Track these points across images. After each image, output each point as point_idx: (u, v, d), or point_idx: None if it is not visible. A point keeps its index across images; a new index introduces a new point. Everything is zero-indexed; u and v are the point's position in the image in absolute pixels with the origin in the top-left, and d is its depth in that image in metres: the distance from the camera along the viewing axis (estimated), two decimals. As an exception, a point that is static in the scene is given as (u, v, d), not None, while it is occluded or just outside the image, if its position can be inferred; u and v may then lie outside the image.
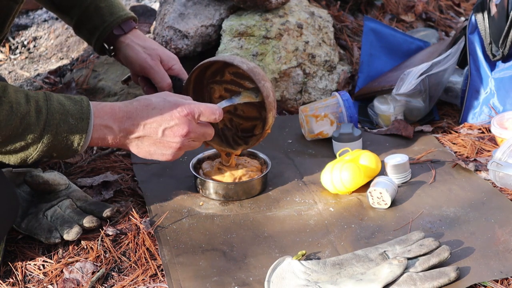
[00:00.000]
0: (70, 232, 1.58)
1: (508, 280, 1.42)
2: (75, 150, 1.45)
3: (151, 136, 1.52)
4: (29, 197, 1.69)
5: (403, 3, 2.86)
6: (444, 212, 1.67)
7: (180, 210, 1.72)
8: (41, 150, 1.41)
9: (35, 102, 1.40)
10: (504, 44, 2.06)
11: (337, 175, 1.73)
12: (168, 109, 1.52)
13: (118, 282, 1.50)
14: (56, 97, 1.43)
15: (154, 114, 1.51)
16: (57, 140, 1.41)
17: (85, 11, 1.81)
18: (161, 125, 1.52)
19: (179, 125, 1.52)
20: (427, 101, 2.10)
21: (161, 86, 1.80)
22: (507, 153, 1.77)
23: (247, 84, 1.75)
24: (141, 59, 1.81)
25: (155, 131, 1.52)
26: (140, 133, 1.51)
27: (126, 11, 1.83)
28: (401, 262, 1.40)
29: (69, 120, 1.42)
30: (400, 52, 2.46)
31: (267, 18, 2.30)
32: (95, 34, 1.82)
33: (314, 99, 2.30)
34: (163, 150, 1.55)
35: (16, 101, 1.38)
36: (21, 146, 1.40)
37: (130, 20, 1.84)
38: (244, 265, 1.51)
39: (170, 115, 1.52)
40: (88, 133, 1.45)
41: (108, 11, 1.80)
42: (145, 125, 1.51)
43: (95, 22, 1.81)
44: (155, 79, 1.81)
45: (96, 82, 2.37)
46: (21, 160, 1.42)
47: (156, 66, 1.81)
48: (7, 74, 2.64)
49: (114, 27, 1.81)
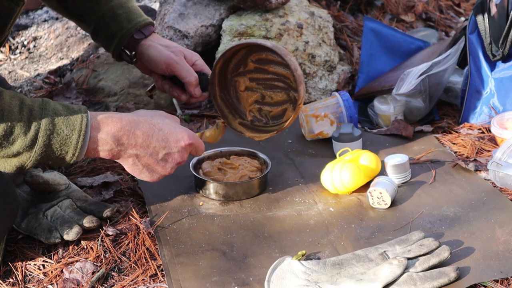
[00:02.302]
0: (70, 232, 1.58)
1: (508, 280, 1.42)
2: (69, 161, 1.43)
3: (151, 157, 1.52)
4: (29, 197, 1.70)
5: (403, 3, 2.86)
6: (444, 212, 1.67)
7: (180, 210, 1.72)
8: (35, 159, 1.40)
9: (29, 112, 1.38)
10: (504, 44, 2.06)
11: (337, 175, 1.73)
12: (175, 135, 1.53)
13: (118, 282, 1.50)
14: (53, 106, 1.42)
15: (160, 137, 1.51)
16: (50, 150, 1.40)
17: (102, 18, 1.79)
18: (164, 149, 1.52)
19: (180, 153, 1.54)
20: (427, 101, 2.10)
21: (189, 81, 1.79)
22: (507, 153, 1.77)
23: (272, 68, 1.75)
24: (165, 56, 1.79)
25: (157, 153, 1.52)
26: (141, 152, 1.50)
27: (144, 17, 1.82)
28: (401, 262, 1.40)
29: (63, 131, 1.40)
30: (400, 52, 2.46)
31: (267, 18, 2.30)
32: (113, 41, 1.81)
33: (314, 99, 2.30)
34: (154, 172, 1.55)
35: (9, 109, 1.36)
36: (13, 154, 1.38)
37: (149, 26, 1.83)
38: (244, 265, 1.51)
39: (176, 142, 1.53)
40: (83, 145, 1.43)
41: (125, 18, 1.79)
42: (149, 146, 1.51)
43: (113, 29, 1.79)
44: (182, 74, 1.79)
45: (96, 82, 2.37)
46: (16, 168, 1.41)
47: (181, 61, 1.80)
48: (7, 74, 2.64)
49: (133, 33, 1.80)
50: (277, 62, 1.73)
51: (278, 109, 1.78)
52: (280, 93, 1.77)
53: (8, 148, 1.37)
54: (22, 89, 2.49)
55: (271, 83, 1.76)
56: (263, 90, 1.77)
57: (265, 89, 1.77)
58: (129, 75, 2.35)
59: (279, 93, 1.77)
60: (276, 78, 1.75)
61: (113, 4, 1.79)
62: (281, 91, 1.76)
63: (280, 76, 1.75)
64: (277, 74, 1.75)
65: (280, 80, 1.75)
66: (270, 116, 1.80)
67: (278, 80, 1.75)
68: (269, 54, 1.73)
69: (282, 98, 1.77)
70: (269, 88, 1.77)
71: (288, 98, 1.76)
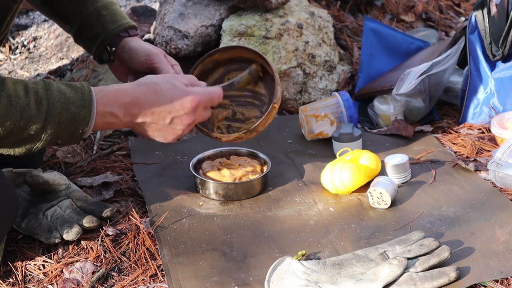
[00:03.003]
0: (70, 232, 1.58)
1: (508, 280, 1.42)
2: (79, 137, 1.45)
3: (158, 123, 1.53)
4: (29, 197, 1.70)
5: (403, 3, 2.86)
6: (444, 212, 1.67)
7: (180, 210, 1.72)
8: (45, 139, 1.41)
9: (35, 94, 1.39)
10: (504, 44, 2.06)
11: (337, 175, 1.73)
12: (179, 97, 1.53)
13: (118, 282, 1.50)
14: (56, 85, 1.43)
15: (164, 101, 1.51)
16: (60, 128, 1.41)
17: (86, 19, 1.79)
18: (170, 113, 1.52)
19: (188, 114, 1.53)
20: (427, 101, 2.10)
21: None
22: (507, 153, 1.77)
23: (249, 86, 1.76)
24: (146, 48, 1.78)
25: (163, 118, 1.52)
26: (148, 119, 1.51)
27: (128, 19, 1.83)
28: (401, 262, 1.40)
29: (71, 108, 1.41)
30: (400, 52, 2.46)
31: (267, 18, 2.30)
32: (95, 41, 1.80)
33: (314, 99, 2.30)
34: (166, 135, 1.56)
35: (15, 94, 1.37)
36: (24, 137, 1.40)
37: (132, 29, 1.83)
38: (244, 265, 1.51)
39: (181, 105, 1.52)
40: (91, 119, 1.45)
41: (110, 19, 1.79)
42: (154, 113, 1.51)
43: (97, 30, 1.80)
44: (160, 66, 1.77)
45: (96, 82, 2.37)
46: (26, 150, 1.42)
47: (161, 55, 1.79)
48: (7, 74, 2.64)
49: (117, 33, 1.80)
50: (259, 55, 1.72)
51: (248, 125, 1.74)
52: (252, 109, 1.77)
53: (19, 133, 1.38)
54: (22, 89, 2.49)
55: (245, 100, 1.77)
56: (235, 107, 1.77)
57: (237, 106, 1.77)
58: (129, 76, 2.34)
59: (251, 110, 1.77)
60: (251, 96, 1.77)
61: (97, 6, 1.80)
62: (253, 107, 1.77)
63: (256, 93, 1.76)
64: (252, 91, 1.76)
65: (255, 98, 1.76)
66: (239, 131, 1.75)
67: (253, 98, 1.76)
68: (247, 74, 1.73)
69: (253, 115, 1.77)
70: (241, 105, 1.77)
71: (260, 114, 1.75)
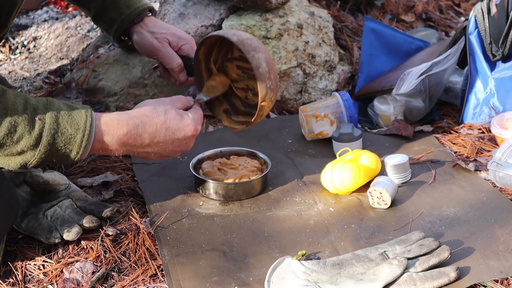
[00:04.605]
0: (70, 232, 1.58)
1: (508, 280, 1.42)
2: (74, 159, 1.44)
3: (159, 152, 1.55)
4: (29, 197, 1.69)
5: (403, 3, 2.86)
6: (444, 212, 1.67)
7: (180, 210, 1.72)
8: (39, 157, 1.40)
9: (33, 110, 1.39)
10: (504, 44, 2.06)
11: (337, 175, 1.73)
12: (182, 131, 1.54)
13: (118, 282, 1.50)
14: (57, 105, 1.42)
15: (168, 135, 1.53)
16: (54, 149, 1.41)
17: (102, 4, 1.83)
18: (172, 144, 1.55)
19: (188, 143, 1.57)
20: (427, 101, 2.10)
21: (171, 67, 1.82)
22: (507, 153, 1.77)
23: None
24: (147, 44, 1.83)
25: (164, 149, 1.55)
26: (149, 149, 1.54)
27: (143, 2, 1.85)
28: (401, 262, 1.40)
29: (68, 131, 1.41)
30: (400, 52, 2.46)
31: (267, 18, 2.30)
32: (113, 26, 1.85)
33: (314, 99, 2.30)
34: (162, 157, 1.58)
35: (13, 107, 1.37)
36: (17, 152, 1.39)
37: (146, 11, 1.85)
38: (244, 265, 1.51)
39: (183, 136, 1.55)
40: (88, 144, 1.44)
41: (124, 3, 1.83)
42: (157, 144, 1.53)
43: (113, 15, 1.83)
44: (164, 60, 1.83)
45: (96, 82, 2.37)
46: (20, 166, 1.41)
47: (163, 48, 1.82)
48: (7, 74, 2.64)
49: (132, 18, 1.82)
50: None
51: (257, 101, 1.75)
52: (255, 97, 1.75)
53: (12, 146, 1.38)
54: (22, 89, 2.49)
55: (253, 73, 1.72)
56: (247, 80, 1.75)
57: (248, 79, 1.74)
58: (129, 75, 2.35)
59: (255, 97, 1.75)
60: None
61: None
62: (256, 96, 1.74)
63: None
64: None
65: None
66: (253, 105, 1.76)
67: None
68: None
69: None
70: (252, 78, 1.73)
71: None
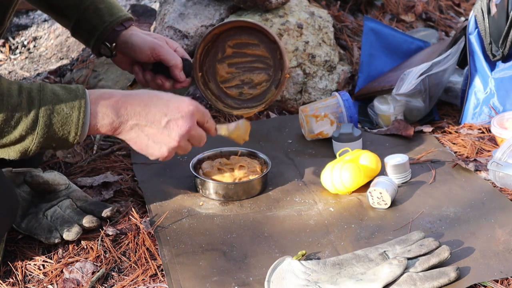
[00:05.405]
0: (70, 232, 1.58)
1: (508, 280, 1.42)
2: (73, 141, 1.43)
3: (154, 125, 1.47)
4: (29, 197, 1.70)
5: (403, 3, 2.86)
6: (444, 212, 1.67)
7: (180, 210, 1.72)
8: (38, 141, 1.40)
9: (28, 93, 1.38)
10: (504, 44, 2.06)
11: (337, 175, 1.73)
12: (175, 101, 1.50)
13: (118, 282, 1.50)
14: (50, 87, 1.42)
15: (160, 103, 1.48)
16: (52, 130, 1.40)
17: (84, 13, 1.79)
18: (166, 115, 1.47)
19: (184, 118, 1.48)
20: (427, 101, 2.10)
21: (174, 64, 1.80)
22: (507, 153, 1.77)
23: (250, 51, 1.84)
24: (149, 42, 1.80)
25: (159, 120, 1.47)
26: (142, 120, 1.46)
27: (125, 12, 1.84)
28: (401, 262, 1.40)
29: (63, 110, 1.40)
30: (400, 52, 2.46)
31: (267, 18, 2.30)
32: (94, 34, 1.81)
33: (314, 99, 2.30)
34: (162, 144, 1.49)
35: (8, 93, 1.37)
36: (16, 138, 1.39)
37: (129, 21, 1.84)
38: (244, 265, 1.51)
39: (177, 107, 1.49)
40: (85, 122, 1.42)
41: (107, 12, 1.80)
42: (149, 113, 1.47)
43: (95, 23, 1.80)
44: (168, 57, 1.80)
45: (96, 82, 2.37)
46: (20, 154, 1.41)
47: (165, 45, 1.82)
48: (7, 74, 2.64)
49: (114, 26, 1.81)
50: (254, 44, 1.83)
51: (258, 91, 1.86)
52: (260, 74, 1.85)
53: (10, 133, 1.38)
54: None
55: (250, 66, 1.85)
56: (242, 75, 1.85)
57: (244, 73, 1.85)
58: (129, 75, 2.35)
59: (259, 74, 1.85)
60: (255, 60, 1.84)
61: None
62: (260, 72, 1.85)
63: (259, 57, 1.84)
64: (256, 55, 1.84)
65: (260, 61, 1.84)
66: (250, 99, 1.87)
67: (257, 62, 1.84)
68: (247, 38, 1.82)
69: (262, 79, 1.85)
70: (248, 71, 1.85)
71: (268, 77, 1.85)
